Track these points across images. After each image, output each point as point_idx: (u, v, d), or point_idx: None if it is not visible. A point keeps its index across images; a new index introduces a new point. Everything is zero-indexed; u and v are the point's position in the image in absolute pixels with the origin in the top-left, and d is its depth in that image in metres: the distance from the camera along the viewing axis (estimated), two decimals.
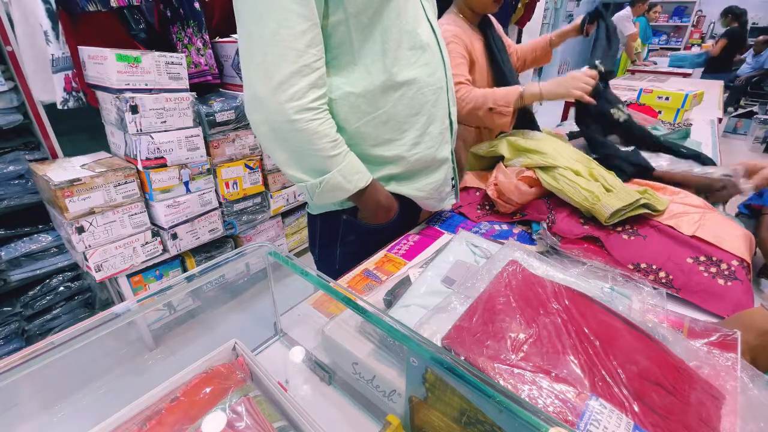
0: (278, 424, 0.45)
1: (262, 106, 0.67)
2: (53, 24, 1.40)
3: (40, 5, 1.36)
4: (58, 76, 1.46)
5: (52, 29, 1.40)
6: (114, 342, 1.74)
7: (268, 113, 0.67)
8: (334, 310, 0.67)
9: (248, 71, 0.67)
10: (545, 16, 5.73)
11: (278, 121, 0.67)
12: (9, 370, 0.38)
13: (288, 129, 0.67)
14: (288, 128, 0.67)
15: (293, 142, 0.69)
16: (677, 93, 1.76)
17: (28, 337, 1.64)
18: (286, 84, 0.64)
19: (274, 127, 0.68)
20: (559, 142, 1.04)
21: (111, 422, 0.44)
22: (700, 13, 7.43)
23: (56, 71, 1.45)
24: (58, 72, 1.45)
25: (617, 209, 0.80)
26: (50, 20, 1.39)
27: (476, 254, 0.74)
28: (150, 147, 1.49)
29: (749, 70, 5.05)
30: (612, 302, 0.57)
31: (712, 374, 0.48)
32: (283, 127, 0.67)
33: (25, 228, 1.56)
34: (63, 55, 1.46)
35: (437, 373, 0.40)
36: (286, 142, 0.70)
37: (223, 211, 1.84)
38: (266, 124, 0.69)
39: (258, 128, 0.70)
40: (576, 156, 0.96)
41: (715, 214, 0.83)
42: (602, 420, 0.39)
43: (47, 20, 1.38)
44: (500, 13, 4.09)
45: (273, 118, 0.67)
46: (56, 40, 1.42)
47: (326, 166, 0.72)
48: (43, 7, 1.37)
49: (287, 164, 0.74)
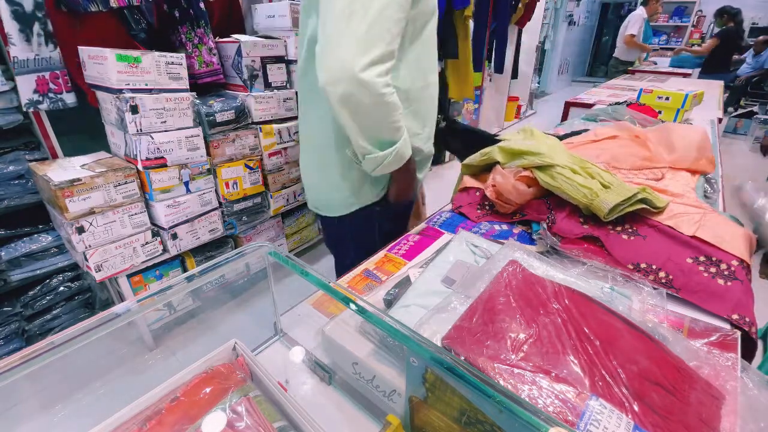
0: (278, 424, 0.45)
1: (350, 78, 0.66)
2: (22, 26, 1.36)
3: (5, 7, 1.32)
4: (24, 78, 1.42)
5: (20, 31, 1.36)
6: (114, 342, 1.74)
7: (357, 85, 0.67)
8: (334, 310, 0.67)
9: (344, 39, 0.65)
10: (545, 16, 5.74)
11: (366, 93, 0.68)
12: (9, 370, 0.38)
13: (374, 102, 0.70)
14: (375, 101, 0.70)
15: (375, 115, 0.73)
16: (677, 93, 1.76)
17: (28, 337, 1.64)
18: (378, 62, 0.67)
19: (359, 99, 0.69)
20: (554, 140, 1.04)
21: (111, 422, 0.44)
22: (700, 13, 7.44)
23: (19, 73, 1.40)
24: (24, 74, 1.41)
25: (616, 204, 0.80)
26: (17, 22, 1.35)
27: (476, 254, 0.74)
28: (150, 147, 1.49)
29: (749, 70, 5.05)
30: (612, 302, 0.57)
31: (712, 374, 0.48)
32: (369, 100, 0.69)
33: (25, 228, 1.56)
34: (37, 57, 1.42)
35: (437, 373, 0.40)
36: (367, 114, 0.73)
37: (223, 211, 1.84)
38: (351, 96, 0.69)
39: (340, 99, 0.70)
40: (570, 157, 0.96)
41: (715, 214, 0.83)
42: (602, 420, 0.39)
43: (12, 22, 1.34)
44: (500, 13, 4.12)
45: (361, 91, 0.68)
46: (25, 41, 1.38)
47: (395, 137, 0.79)
48: (9, 9, 1.33)
49: (361, 135, 0.77)
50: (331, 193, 0.98)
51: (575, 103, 2.46)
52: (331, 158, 0.93)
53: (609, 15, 9.05)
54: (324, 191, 1.01)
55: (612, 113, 1.72)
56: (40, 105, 1.47)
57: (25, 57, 1.40)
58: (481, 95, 4.36)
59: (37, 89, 1.45)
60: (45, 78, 1.46)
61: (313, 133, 0.96)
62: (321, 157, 0.96)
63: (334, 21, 0.65)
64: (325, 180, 0.98)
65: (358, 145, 0.79)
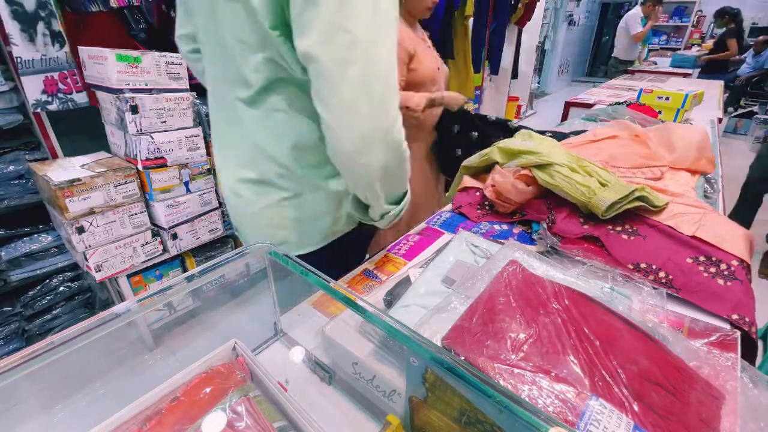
0: (278, 424, 0.45)
1: (384, 140, 0.58)
2: (23, 26, 1.35)
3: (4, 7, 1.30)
4: (30, 78, 1.40)
5: (22, 31, 1.35)
6: (114, 342, 1.72)
7: (392, 147, 0.59)
8: (334, 310, 0.67)
9: (366, 103, 0.55)
10: (545, 16, 5.74)
11: (397, 155, 0.61)
12: (9, 370, 0.38)
13: (402, 160, 0.63)
14: (402, 159, 0.63)
15: (402, 173, 0.66)
16: (677, 93, 1.76)
17: (28, 337, 1.64)
18: (398, 114, 0.59)
19: (392, 162, 0.61)
20: (552, 140, 1.04)
21: (111, 422, 0.44)
22: (700, 13, 7.45)
23: (24, 73, 1.39)
24: (30, 74, 1.40)
25: (613, 202, 0.81)
26: (18, 22, 1.34)
27: (476, 254, 0.74)
28: (150, 147, 1.49)
29: (749, 70, 5.05)
30: (612, 302, 0.57)
31: (712, 374, 0.48)
32: (400, 160, 0.62)
33: (25, 228, 1.56)
34: (44, 57, 1.41)
35: (437, 373, 0.40)
36: (397, 175, 0.65)
37: (223, 211, 1.84)
38: (388, 159, 0.60)
39: (379, 164, 0.60)
40: (569, 156, 0.96)
41: (715, 214, 0.83)
42: (602, 420, 0.39)
43: (13, 22, 1.33)
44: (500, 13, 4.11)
45: (394, 153, 0.60)
46: (28, 41, 1.37)
47: (406, 186, 0.72)
48: (9, 9, 1.31)
49: (388, 197, 0.69)
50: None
51: (575, 103, 2.46)
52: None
53: (609, 15, 9.06)
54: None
55: (612, 113, 1.72)
56: (49, 105, 1.46)
57: (30, 57, 1.39)
58: (481, 95, 4.36)
59: (46, 89, 1.45)
60: (54, 78, 1.46)
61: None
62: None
63: (351, 85, 0.54)
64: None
65: (379, 211, 0.71)
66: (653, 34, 5.63)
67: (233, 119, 0.72)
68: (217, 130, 0.80)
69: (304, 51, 0.55)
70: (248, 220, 0.81)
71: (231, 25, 0.62)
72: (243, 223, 0.84)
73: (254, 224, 0.81)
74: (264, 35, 0.59)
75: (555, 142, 1.05)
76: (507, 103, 4.99)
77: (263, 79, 0.64)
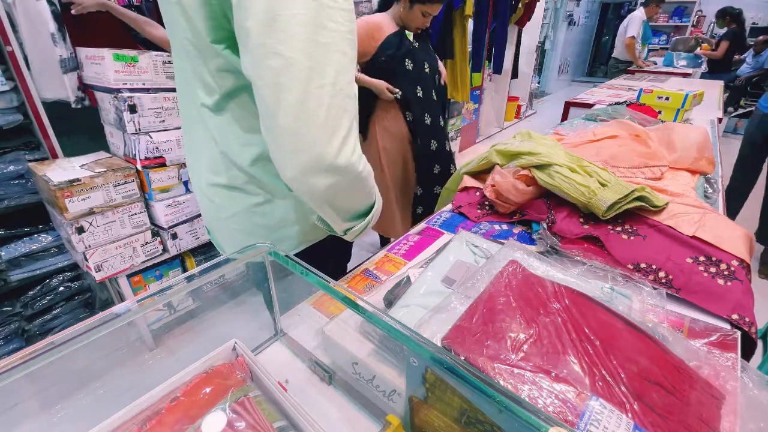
0: (278, 424, 0.45)
1: (329, 168, 0.55)
2: (59, 26, 1.42)
3: (45, 7, 1.37)
4: (70, 76, 1.48)
5: (58, 31, 1.42)
6: (114, 342, 1.73)
7: (338, 173, 0.56)
8: (334, 310, 0.67)
9: (305, 130, 0.52)
10: (545, 16, 5.74)
11: (347, 179, 0.58)
12: (9, 370, 0.38)
13: (354, 182, 0.60)
14: (355, 181, 0.60)
15: (357, 193, 0.63)
16: (677, 93, 1.76)
17: (28, 337, 1.64)
18: (348, 136, 0.55)
19: (340, 186, 0.59)
20: (552, 141, 1.04)
21: (111, 422, 0.44)
22: (700, 13, 7.44)
23: (66, 71, 1.47)
24: (69, 72, 1.48)
25: (614, 202, 0.81)
26: (56, 22, 1.41)
27: (476, 254, 0.74)
28: (149, 146, 1.49)
29: (749, 70, 5.05)
30: (612, 302, 0.57)
31: (712, 374, 0.48)
32: (351, 182, 0.60)
33: (25, 228, 1.56)
34: (71, 56, 1.49)
35: (437, 373, 0.40)
36: (350, 196, 0.63)
37: None
38: (334, 185, 0.58)
39: (323, 190, 0.58)
40: (568, 156, 0.96)
41: (715, 214, 0.83)
42: (602, 420, 0.39)
43: (53, 22, 1.40)
44: (500, 13, 4.11)
45: (341, 178, 0.57)
46: (62, 41, 1.44)
47: (371, 201, 0.69)
48: (49, 8, 1.38)
49: (341, 217, 0.66)
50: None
51: (575, 103, 2.46)
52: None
53: (609, 15, 9.07)
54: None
55: (612, 113, 1.72)
56: (84, 102, 1.56)
57: (66, 56, 1.48)
58: (481, 95, 4.37)
59: (79, 87, 1.54)
60: (80, 76, 1.55)
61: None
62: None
63: (287, 112, 0.51)
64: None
65: (340, 228, 0.70)
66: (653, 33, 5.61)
67: (200, 124, 0.71)
68: (187, 133, 0.78)
69: (244, 72, 0.53)
70: (220, 224, 0.80)
71: (184, 30, 0.61)
72: (214, 227, 0.83)
73: (226, 229, 0.80)
74: (210, 47, 0.59)
75: (555, 142, 1.05)
76: (507, 103, 5.00)
77: (225, 86, 0.63)
